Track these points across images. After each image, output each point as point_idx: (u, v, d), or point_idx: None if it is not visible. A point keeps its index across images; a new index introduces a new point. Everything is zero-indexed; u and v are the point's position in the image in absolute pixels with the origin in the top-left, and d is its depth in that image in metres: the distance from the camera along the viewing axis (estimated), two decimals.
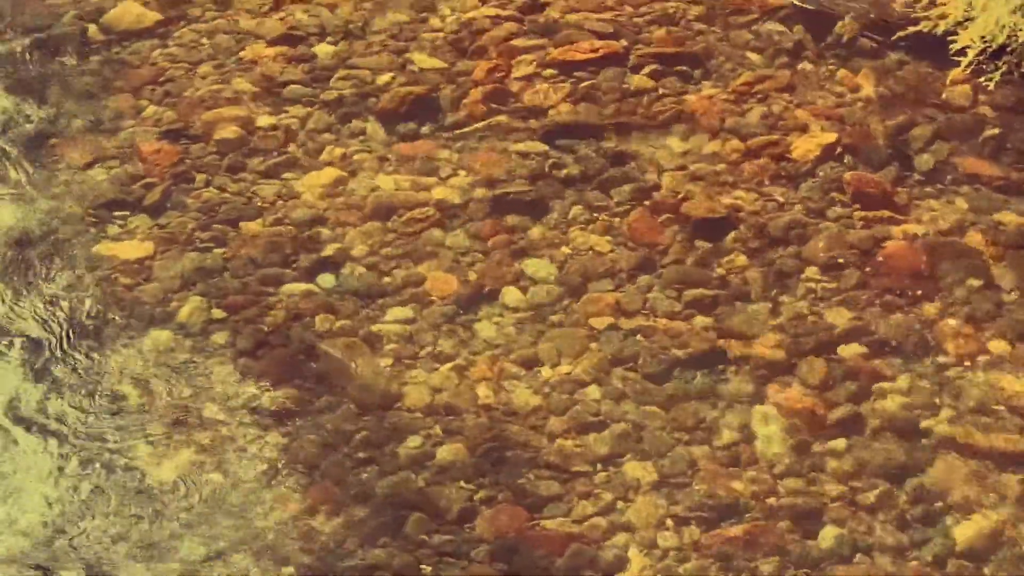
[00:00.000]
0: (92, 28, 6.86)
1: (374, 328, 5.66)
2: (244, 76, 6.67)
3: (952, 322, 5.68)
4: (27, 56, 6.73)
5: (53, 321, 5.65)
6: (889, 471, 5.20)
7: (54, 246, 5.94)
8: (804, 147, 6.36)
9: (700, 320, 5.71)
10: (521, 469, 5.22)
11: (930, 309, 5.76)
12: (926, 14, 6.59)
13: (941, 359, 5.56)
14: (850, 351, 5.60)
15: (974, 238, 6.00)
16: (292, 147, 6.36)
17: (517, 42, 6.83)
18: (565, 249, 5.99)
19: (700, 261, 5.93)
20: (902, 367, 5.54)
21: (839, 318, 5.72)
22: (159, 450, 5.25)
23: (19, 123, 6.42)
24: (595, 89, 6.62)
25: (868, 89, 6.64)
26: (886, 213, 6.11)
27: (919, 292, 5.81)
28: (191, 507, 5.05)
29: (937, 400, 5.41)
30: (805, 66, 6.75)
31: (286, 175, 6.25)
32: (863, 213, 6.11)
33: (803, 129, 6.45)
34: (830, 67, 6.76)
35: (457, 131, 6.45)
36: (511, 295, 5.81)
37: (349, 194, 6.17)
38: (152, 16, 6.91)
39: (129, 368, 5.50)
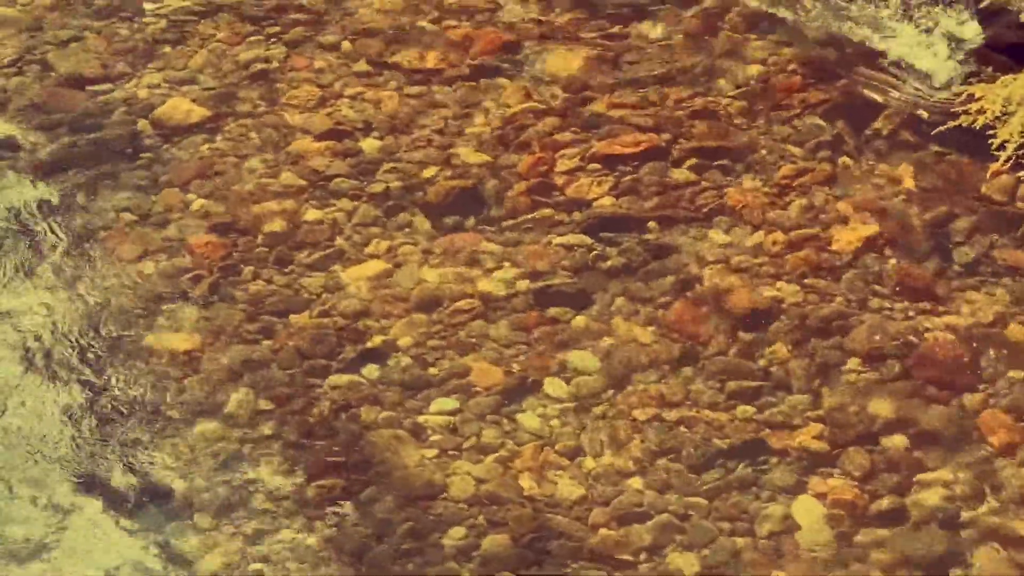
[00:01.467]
0: (142, 123, 6.95)
1: (419, 419, 5.73)
2: (291, 170, 6.75)
3: (994, 413, 5.71)
4: (78, 151, 6.84)
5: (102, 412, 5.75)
6: (931, 562, 5.21)
7: (103, 339, 6.02)
8: (845, 239, 6.41)
9: (742, 411, 5.75)
10: (566, 560, 5.25)
11: (972, 400, 5.79)
12: (965, 108, 6.65)
13: (983, 451, 5.59)
14: (892, 442, 5.63)
15: (1015, 330, 6.03)
16: (339, 240, 6.45)
17: (561, 136, 6.91)
18: (608, 340, 6.04)
19: (742, 352, 5.98)
20: (944, 458, 5.57)
21: (881, 409, 5.75)
22: (207, 540, 5.31)
23: (70, 217, 6.52)
24: (638, 182, 6.69)
25: (908, 182, 6.69)
26: (927, 305, 6.15)
27: (961, 383, 5.85)
28: None
29: (979, 491, 5.43)
30: (845, 160, 6.81)
31: (333, 268, 6.33)
32: (904, 305, 6.15)
33: (844, 222, 6.51)
34: (870, 161, 6.82)
35: (502, 224, 6.53)
36: (555, 386, 5.87)
37: (395, 286, 6.24)
38: (201, 112, 7.00)
39: (177, 458, 5.57)
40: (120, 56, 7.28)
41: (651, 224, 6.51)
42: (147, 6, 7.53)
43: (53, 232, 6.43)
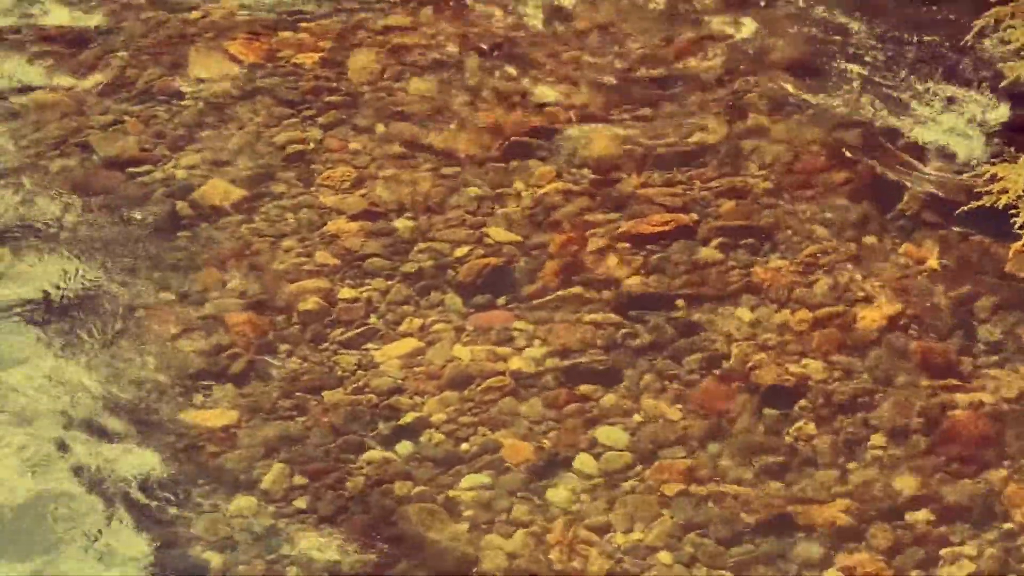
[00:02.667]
0: (181, 204, 7.02)
1: (451, 494, 5.79)
2: (326, 249, 6.83)
3: (1019, 489, 5.75)
4: (118, 232, 6.90)
5: (141, 487, 5.80)
6: None
7: (143, 415, 6.09)
8: (870, 317, 6.49)
9: (769, 486, 5.81)
10: None
11: (996, 476, 5.85)
12: (987, 188, 6.70)
13: (1008, 526, 5.63)
14: (918, 517, 5.68)
15: None
16: (372, 318, 6.52)
17: (590, 216, 7.00)
18: (637, 417, 6.11)
19: (769, 428, 6.05)
20: (969, 533, 5.62)
21: (906, 485, 5.81)
22: None
23: (110, 296, 6.58)
24: (666, 261, 6.77)
25: (932, 261, 6.77)
26: (952, 381, 6.22)
27: (985, 459, 5.90)
28: None
29: (1005, 566, 5.47)
30: (870, 239, 6.90)
31: (366, 345, 6.40)
32: (929, 382, 6.22)
33: (869, 300, 6.58)
34: (894, 240, 6.90)
35: (532, 302, 6.60)
36: (585, 462, 5.93)
37: (427, 364, 6.32)
38: (238, 192, 7.08)
39: (214, 533, 5.65)
40: (160, 139, 7.38)
41: (679, 302, 6.59)
42: (186, 89, 7.66)
43: (93, 311, 6.49)
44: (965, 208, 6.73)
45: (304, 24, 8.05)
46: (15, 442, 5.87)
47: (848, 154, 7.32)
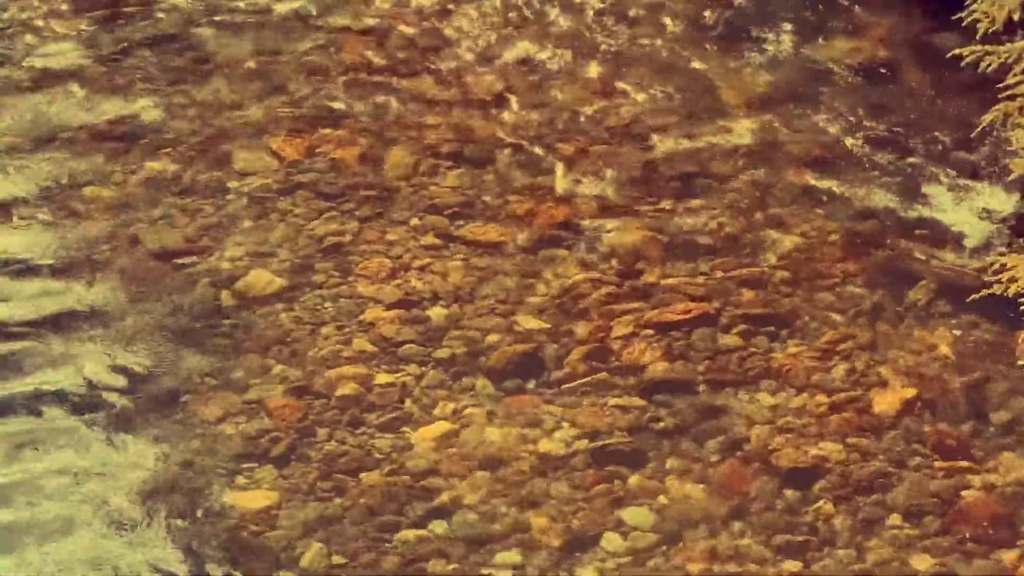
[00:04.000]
0: (225, 294, 7.10)
1: (484, 572, 5.90)
2: (363, 337, 6.91)
3: None
4: (164, 320, 6.98)
5: (184, 568, 5.93)
6: None
7: (186, 496, 6.19)
8: (886, 402, 6.62)
9: (789, 565, 5.94)
10: None
11: (1009, 556, 5.97)
12: (997, 278, 6.71)
13: None
14: None
15: None
16: (407, 403, 6.62)
17: (616, 305, 7.11)
18: (662, 498, 6.24)
19: (789, 509, 6.18)
20: None
21: (922, 563, 5.94)
22: None
23: (155, 382, 6.68)
24: (689, 347, 6.90)
25: (945, 348, 6.90)
26: (965, 464, 6.36)
27: (998, 539, 6.02)
28: None
29: None
30: (885, 326, 7.02)
31: (402, 429, 6.50)
32: (943, 464, 6.35)
33: (884, 385, 6.71)
34: (909, 327, 7.02)
35: (561, 387, 6.71)
36: (612, 541, 6.05)
37: (460, 446, 6.42)
38: (280, 282, 7.17)
39: None
40: (205, 231, 7.45)
41: (702, 387, 6.72)
42: (230, 184, 7.73)
43: (139, 396, 6.59)
44: (976, 296, 6.77)
45: (343, 121, 8.17)
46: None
47: (863, 244, 7.46)
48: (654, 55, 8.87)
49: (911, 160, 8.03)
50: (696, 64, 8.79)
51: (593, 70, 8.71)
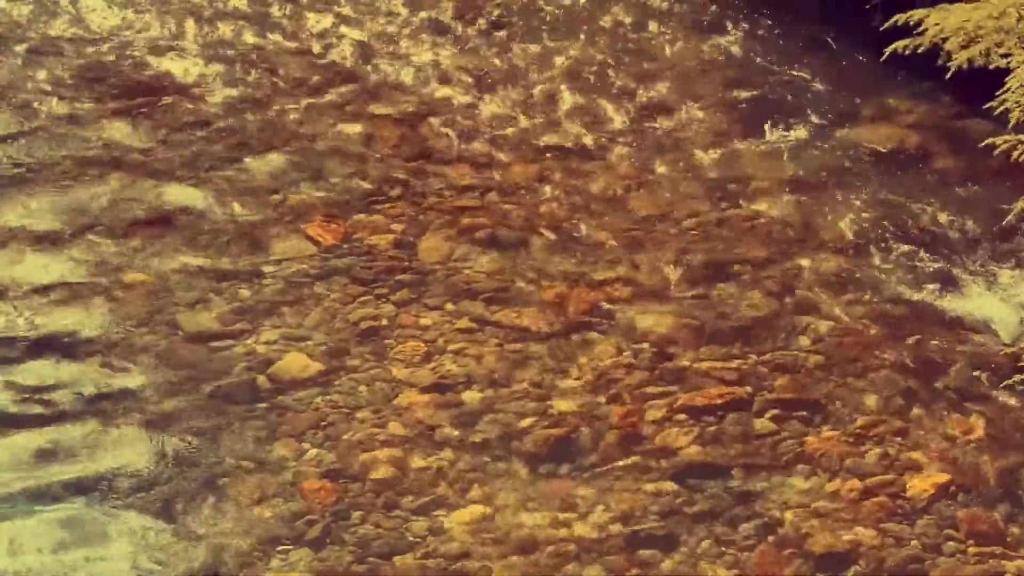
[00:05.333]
0: (261, 378, 7.17)
1: None
2: (398, 420, 6.98)
3: None
4: (201, 403, 7.04)
5: None
6: None
7: None
8: (919, 486, 6.65)
9: None
10: None
11: None
12: None
13: None
14: None
15: None
16: (442, 486, 6.66)
17: (649, 389, 7.17)
18: None
19: None
20: None
21: None
22: None
23: (191, 465, 6.74)
24: (722, 432, 6.95)
25: (978, 432, 6.94)
26: (999, 549, 6.37)
27: None
28: None
29: None
30: (918, 411, 7.07)
31: (436, 512, 6.54)
32: (977, 549, 6.37)
33: (918, 469, 6.74)
34: (942, 412, 7.07)
35: (595, 471, 6.75)
36: None
37: (494, 530, 6.46)
38: (316, 366, 7.24)
39: None
40: (241, 315, 7.54)
41: (735, 471, 6.76)
42: (266, 269, 7.82)
43: (177, 479, 6.64)
44: (1009, 381, 6.87)
45: (378, 207, 8.29)
46: None
47: (896, 330, 7.50)
48: (686, 142, 8.98)
49: (943, 247, 8.09)
50: (728, 148, 8.87)
51: (625, 158, 8.81)
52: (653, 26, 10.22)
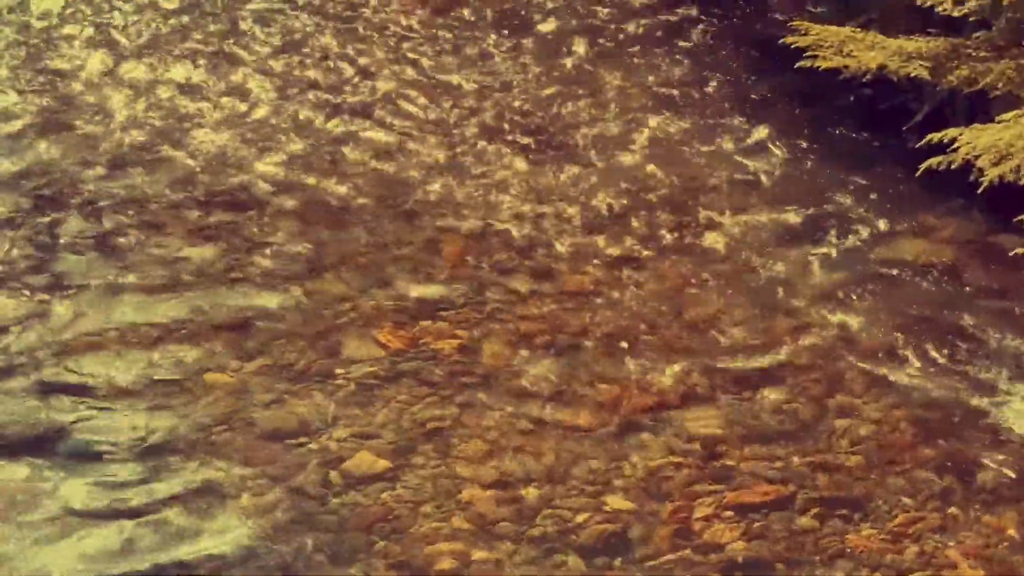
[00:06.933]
0: (333, 474, 7.42)
1: None
2: (461, 515, 7.21)
3: None
4: (276, 498, 7.27)
5: None
6: None
7: None
8: None
9: None
10: None
11: None
12: None
13: None
14: None
15: None
16: None
17: (698, 487, 7.39)
18: None
19: None
20: None
21: None
22: None
23: (271, 555, 6.96)
24: (767, 528, 7.15)
25: (1012, 531, 7.13)
26: None
27: None
28: None
29: None
30: (954, 510, 7.27)
31: None
32: None
33: (954, 567, 6.93)
34: (977, 511, 7.26)
35: (646, 564, 6.95)
36: None
37: None
38: (383, 464, 7.49)
39: None
40: (315, 414, 7.79)
41: (779, 566, 6.98)
42: (338, 371, 8.10)
43: (254, 571, 6.88)
44: None
45: (443, 314, 8.56)
46: None
47: (932, 433, 7.72)
48: (731, 255, 9.30)
49: (978, 356, 8.30)
50: (770, 263, 9.21)
51: (674, 268, 9.11)
52: (702, 147, 10.53)
